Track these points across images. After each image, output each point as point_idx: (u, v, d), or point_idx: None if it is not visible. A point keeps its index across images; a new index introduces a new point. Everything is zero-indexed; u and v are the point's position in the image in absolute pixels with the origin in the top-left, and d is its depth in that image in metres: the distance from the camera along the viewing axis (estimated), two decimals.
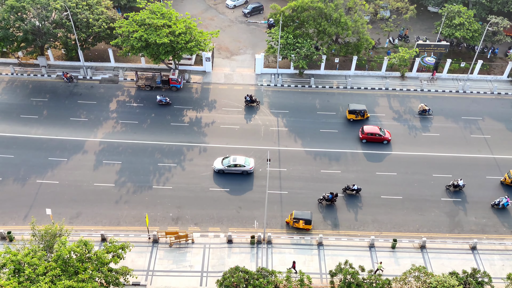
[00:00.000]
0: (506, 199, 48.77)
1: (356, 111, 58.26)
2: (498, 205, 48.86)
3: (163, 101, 59.48)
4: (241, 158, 51.75)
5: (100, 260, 36.05)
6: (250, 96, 59.88)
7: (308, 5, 62.03)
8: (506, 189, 51.32)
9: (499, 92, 64.96)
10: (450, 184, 50.50)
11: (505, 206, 48.79)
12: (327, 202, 48.65)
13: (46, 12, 60.24)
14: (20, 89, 62.20)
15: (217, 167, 51.43)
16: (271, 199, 49.23)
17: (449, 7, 67.94)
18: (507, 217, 48.83)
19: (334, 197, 48.30)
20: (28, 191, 49.17)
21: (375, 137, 55.69)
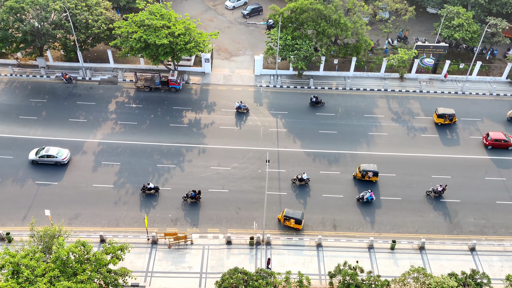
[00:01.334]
0: (369, 193, 49.05)
1: (445, 115, 58.01)
2: (363, 199, 49.11)
3: (242, 108, 58.96)
4: (54, 149, 51.50)
5: (99, 261, 36.01)
6: (315, 97, 60.42)
7: (307, 7, 62.07)
8: (362, 184, 51.46)
9: (498, 93, 65.03)
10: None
11: (369, 200, 49.08)
12: (191, 199, 48.35)
13: (45, 13, 60.24)
14: (19, 90, 62.17)
15: (30, 158, 51.29)
16: (270, 200, 49.22)
17: (448, 8, 68.03)
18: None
19: (197, 194, 48.29)
20: (27, 192, 49.11)
21: (500, 143, 55.21)
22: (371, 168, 50.38)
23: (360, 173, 50.60)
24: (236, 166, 53.02)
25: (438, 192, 49.76)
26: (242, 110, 59.25)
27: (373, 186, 51.17)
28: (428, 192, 50.46)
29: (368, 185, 51.08)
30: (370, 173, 50.15)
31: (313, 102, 60.78)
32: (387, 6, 70.90)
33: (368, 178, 50.74)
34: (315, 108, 61.01)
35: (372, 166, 50.66)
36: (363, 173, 50.43)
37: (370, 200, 49.12)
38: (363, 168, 50.48)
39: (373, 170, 50.26)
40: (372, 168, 50.37)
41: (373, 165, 50.89)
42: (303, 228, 47.13)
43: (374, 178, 50.83)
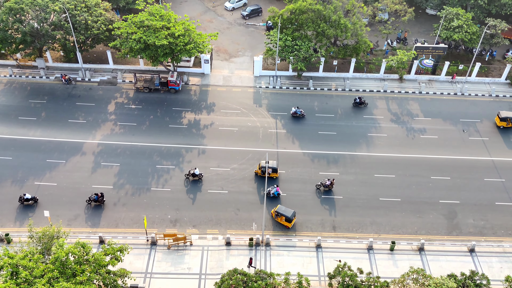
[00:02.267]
0: (275, 188, 49.20)
1: (507, 118, 58.02)
2: (269, 195, 49.23)
3: (298, 113, 58.39)
4: None
5: (98, 262, 35.98)
6: (359, 98, 60.83)
7: (306, 8, 62.10)
8: (263, 180, 51.49)
9: (497, 94, 65.09)
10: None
11: (276, 195, 49.21)
12: (95, 202, 47.67)
13: (44, 14, 60.25)
14: (19, 91, 62.15)
15: None
16: (270, 201, 49.19)
17: (448, 9, 68.11)
18: None
19: (100, 197, 47.33)
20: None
21: None
22: (270, 165, 50.48)
23: (260, 169, 50.69)
24: (236, 167, 53.01)
25: (327, 186, 49.96)
26: (298, 115, 58.75)
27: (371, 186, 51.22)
28: (317, 185, 50.69)
29: (271, 181, 50.70)
30: (269, 170, 50.32)
31: (356, 103, 61.21)
32: (387, 7, 70.99)
33: (268, 175, 50.77)
34: (315, 109, 61.02)
35: (271, 163, 50.75)
36: (263, 170, 50.52)
37: (276, 195, 49.23)
38: (262, 165, 50.58)
39: (272, 166, 50.39)
40: (271, 165, 50.49)
41: (272, 162, 50.99)
42: (303, 229, 47.11)
43: (274, 175, 50.96)
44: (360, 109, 61.31)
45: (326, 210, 49.00)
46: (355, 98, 61.59)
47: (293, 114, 59.02)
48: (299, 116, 58.85)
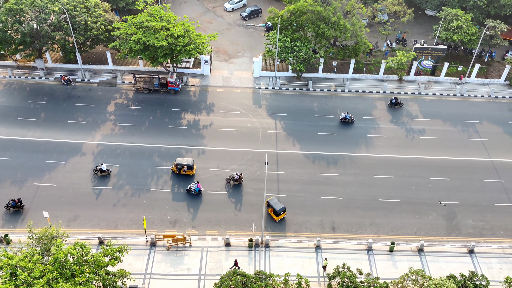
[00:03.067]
0: (196, 184, 49.30)
1: None
2: (191, 191, 49.35)
3: (347, 118, 57.68)
4: None
5: (98, 263, 35.95)
6: (395, 99, 61.04)
7: (306, 9, 62.13)
8: (180, 177, 51.52)
9: (497, 95, 65.15)
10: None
11: (197, 191, 49.31)
12: (13, 208, 46.86)
13: (44, 15, 60.25)
14: (18, 91, 62.14)
15: None
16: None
17: (447, 10, 68.19)
18: None
19: (17, 202, 46.65)
20: (26, 194, 49.03)
21: None
22: (184, 162, 50.69)
23: (176, 167, 50.85)
24: (235, 168, 53.01)
25: (236, 180, 50.14)
26: (347, 121, 58.27)
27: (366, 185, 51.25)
28: (227, 179, 50.84)
29: (185, 178, 51.08)
30: (185, 167, 50.55)
31: (392, 103, 61.40)
32: (386, 8, 71.05)
33: (184, 172, 50.96)
34: (314, 110, 61.02)
35: (186, 160, 50.98)
36: (178, 167, 50.72)
37: (198, 192, 49.35)
38: (177, 162, 50.78)
39: (186, 164, 50.55)
40: (186, 162, 50.70)
41: (187, 159, 51.19)
42: (303, 230, 47.15)
43: (190, 172, 51.03)
44: (359, 111, 61.33)
45: (326, 211, 49.00)
46: (391, 99, 61.92)
47: (342, 120, 58.53)
48: (348, 122, 58.26)
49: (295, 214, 48.51)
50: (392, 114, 61.24)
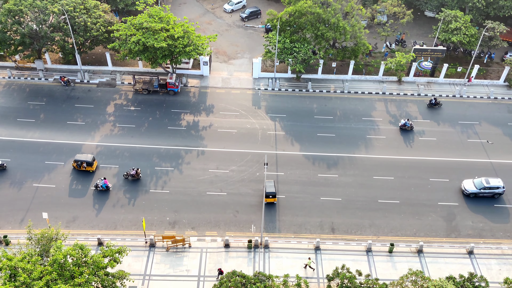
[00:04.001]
0: (103, 181, 49.36)
1: None
2: (98, 187, 49.32)
3: (407, 125, 56.53)
4: None
5: (97, 264, 35.92)
6: (435, 99, 61.19)
7: (306, 10, 62.14)
8: (81, 174, 51.41)
9: (496, 96, 65.20)
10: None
11: (104, 188, 49.34)
12: None
13: (43, 16, 60.25)
14: (17, 92, 62.10)
15: None
16: (269, 203, 49.19)
17: (446, 12, 68.25)
18: None
19: None
20: (25, 195, 49.00)
21: None
22: (83, 158, 50.57)
23: (75, 163, 50.81)
24: (235, 169, 53.01)
25: (133, 176, 50.28)
26: (406, 128, 57.39)
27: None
28: (124, 175, 50.78)
29: (84, 174, 51.02)
30: (84, 163, 50.45)
31: (432, 104, 61.53)
32: (385, 9, 71.09)
33: (84, 168, 50.86)
34: (313, 111, 61.04)
35: (85, 156, 50.87)
36: (78, 164, 50.64)
37: (105, 188, 49.35)
38: (76, 158, 50.71)
39: (85, 160, 50.42)
40: (85, 158, 50.58)
41: (86, 155, 51.05)
42: (302, 231, 47.17)
43: (89, 168, 50.91)
44: (358, 112, 61.36)
45: (325, 212, 48.99)
46: (430, 99, 62.06)
47: (401, 127, 57.66)
48: (407, 129, 57.35)
49: (295, 215, 48.51)
50: (391, 115, 61.27)
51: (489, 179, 50.46)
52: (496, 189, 50.00)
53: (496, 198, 50.73)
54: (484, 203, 50.46)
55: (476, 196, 50.55)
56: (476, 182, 50.56)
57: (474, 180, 51.13)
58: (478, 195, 50.41)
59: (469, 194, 50.39)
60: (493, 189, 50.03)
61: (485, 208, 50.07)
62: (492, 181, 50.35)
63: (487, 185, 49.85)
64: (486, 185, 49.81)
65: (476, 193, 50.25)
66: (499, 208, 50.19)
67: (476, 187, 50.31)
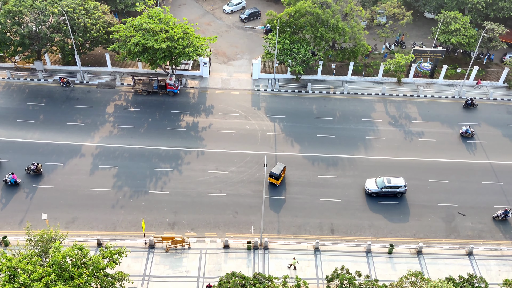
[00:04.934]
0: (11, 175, 49.15)
1: None
2: (7, 182, 49.15)
3: (468, 133, 54.35)
4: None
5: (96, 265, 35.87)
6: (471, 100, 61.11)
7: (305, 11, 62.19)
8: None
9: (495, 98, 65.25)
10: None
11: (13, 182, 49.08)
12: None
13: (43, 17, 60.26)
14: (17, 93, 62.10)
15: None
16: (268, 204, 49.18)
17: (445, 13, 68.32)
18: None
19: None
20: (24, 196, 48.95)
21: None
22: None
23: None
24: (234, 170, 53.01)
25: (34, 170, 49.87)
26: (468, 135, 55.84)
27: None
28: (26, 170, 50.33)
29: None
30: None
31: (467, 104, 61.59)
32: (385, 11, 71.16)
33: None
34: (313, 112, 61.07)
35: None
36: None
37: (14, 183, 49.11)
38: None
39: None
40: None
41: None
42: (302, 232, 47.18)
43: None
44: (358, 113, 61.40)
45: (324, 213, 48.99)
46: (466, 100, 62.19)
47: (462, 134, 56.28)
48: (468, 136, 55.76)
49: (294, 216, 48.51)
50: (390, 116, 61.31)
51: (390, 178, 50.33)
52: (397, 188, 49.79)
53: (398, 197, 50.51)
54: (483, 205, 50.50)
55: (378, 195, 50.35)
56: (378, 181, 50.43)
57: (377, 179, 51.00)
58: (380, 194, 50.18)
59: (371, 194, 50.22)
60: (395, 188, 49.79)
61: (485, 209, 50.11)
62: (393, 180, 50.12)
63: (389, 184, 49.67)
64: (387, 184, 49.67)
65: (378, 192, 50.03)
66: (499, 209, 50.12)
67: (377, 186, 50.15)
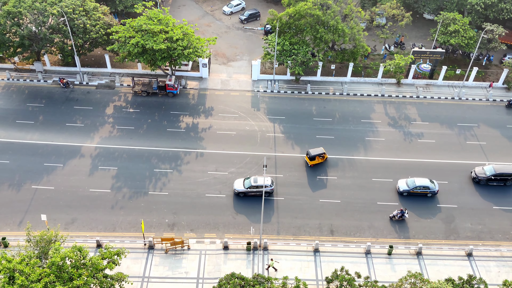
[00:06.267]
0: None
1: None
2: None
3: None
4: None
5: (95, 266, 35.84)
6: None
7: (305, 12, 62.23)
8: None
9: (494, 99, 65.29)
10: None
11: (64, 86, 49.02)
12: None
13: (42, 18, 60.27)
14: (16, 94, 62.08)
15: None
16: (268, 205, 49.17)
17: (445, 14, 68.36)
18: None
19: None
20: (23, 197, 48.95)
21: None
22: None
23: None
24: (234, 171, 52.99)
25: None
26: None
27: None
28: None
29: None
30: None
31: (510, 105, 62.04)
32: (384, 12, 71.22)
33: None
34: (313, 113, 61.10)
35: None
36: None
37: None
38: None
39: None
40: None
41: None
42: (301, 233, 47.18)
43: None
44: (357, 114, 61.42)
45: (324, 214, 48.98)
46: (509, 100, 62.57)
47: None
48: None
49: (294, 217, 48.50)
50: (390, 117, 61.33)
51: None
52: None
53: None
54: (482, 206, 50.46)
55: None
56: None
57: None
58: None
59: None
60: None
61: (484, 211, 50.09)
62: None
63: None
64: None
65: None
66: (498, 210, 50.11)
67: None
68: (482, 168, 52.54)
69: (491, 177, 51.40)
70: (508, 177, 51.36)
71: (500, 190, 52.09)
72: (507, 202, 50.93)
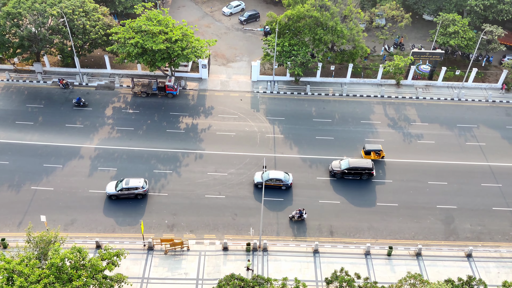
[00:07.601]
0: None
1: None
2: None
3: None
4: None
5: (95, 267, 35.82)
6: None
7: (304, 14, 62.27)
8: None
9: (494, 100, 65.34)
10: None
11: None
12: None
13: (42, 19, 60.26)
14: (16, 95, 62.07)
15: None
16: (267, 206, 49.16)
17: (444, 15, 68.43)
18: None
19: None
20: (23, 198, 48.92)
21: None
22: None
23: None
24: (233, 172, 52.99)
25: None
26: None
27: None
28: None
29: None
30: None
31: None
32: (384, 13, 71.27)
33: None
34: (312, 114, 61.11)
35: None
36: None
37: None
38: None
39: None
40: None
41: None
42: (300, 234, 47.16)
43: None
44: (357, 115, 61.44)
45: (324, 215, 48.97)
46: None
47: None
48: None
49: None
50: (389, 118, 61.35)
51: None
52: (135, 189, 48.26)
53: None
54: (482, 207, 50.47)
55: None
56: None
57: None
58: None
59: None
60: None
61: (484, 211, 50.08)
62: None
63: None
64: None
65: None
66: (498, 211, 50.14)
67: None
68: (339, 162, 52.83)
69: (345, 171, 51.56)
70: (362, 171, 51.54)
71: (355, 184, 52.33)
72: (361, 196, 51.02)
